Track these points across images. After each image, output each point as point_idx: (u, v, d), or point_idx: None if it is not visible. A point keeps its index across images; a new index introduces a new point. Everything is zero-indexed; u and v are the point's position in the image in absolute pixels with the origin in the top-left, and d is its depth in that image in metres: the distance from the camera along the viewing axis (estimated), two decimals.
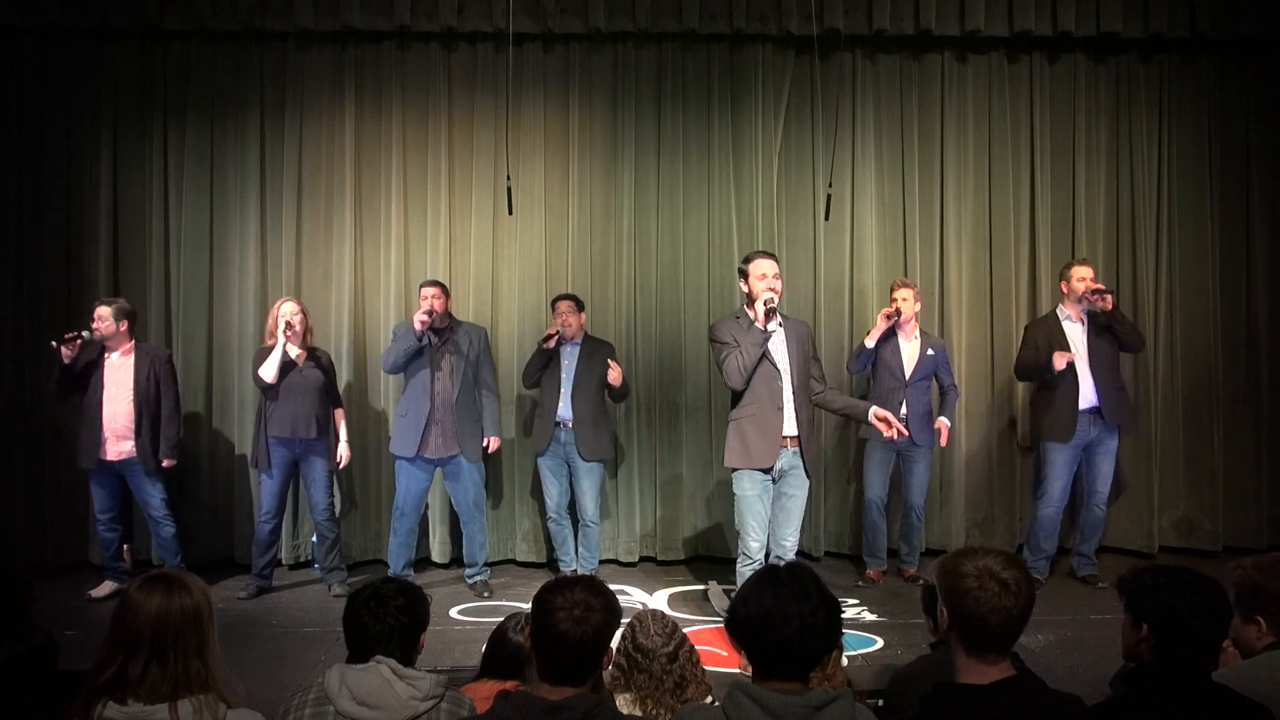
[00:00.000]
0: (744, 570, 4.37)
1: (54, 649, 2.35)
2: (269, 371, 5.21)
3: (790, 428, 4.34)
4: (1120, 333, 5.42)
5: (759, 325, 4.29)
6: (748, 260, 4.46)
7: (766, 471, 4.36)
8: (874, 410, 4.37)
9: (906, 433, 4.38)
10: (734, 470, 4.43)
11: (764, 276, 4.33)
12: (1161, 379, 6.27)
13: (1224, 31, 6.08)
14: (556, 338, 5.35)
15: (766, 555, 4.44)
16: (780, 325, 4.42)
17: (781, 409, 4.32)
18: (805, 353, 4.44)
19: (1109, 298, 5.27)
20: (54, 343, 5.04)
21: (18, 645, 2.26)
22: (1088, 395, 5.40)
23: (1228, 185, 6.34)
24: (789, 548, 4.42)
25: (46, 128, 5.99)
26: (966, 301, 6.28)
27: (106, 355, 5.23)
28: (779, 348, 4.38)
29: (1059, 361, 5.25)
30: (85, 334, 5.09)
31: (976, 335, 6.29)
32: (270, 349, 5.25)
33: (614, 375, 5.33)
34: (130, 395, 5.21)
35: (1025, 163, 6.34)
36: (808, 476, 4.41)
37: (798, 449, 4.36)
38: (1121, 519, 6.22)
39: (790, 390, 4.34)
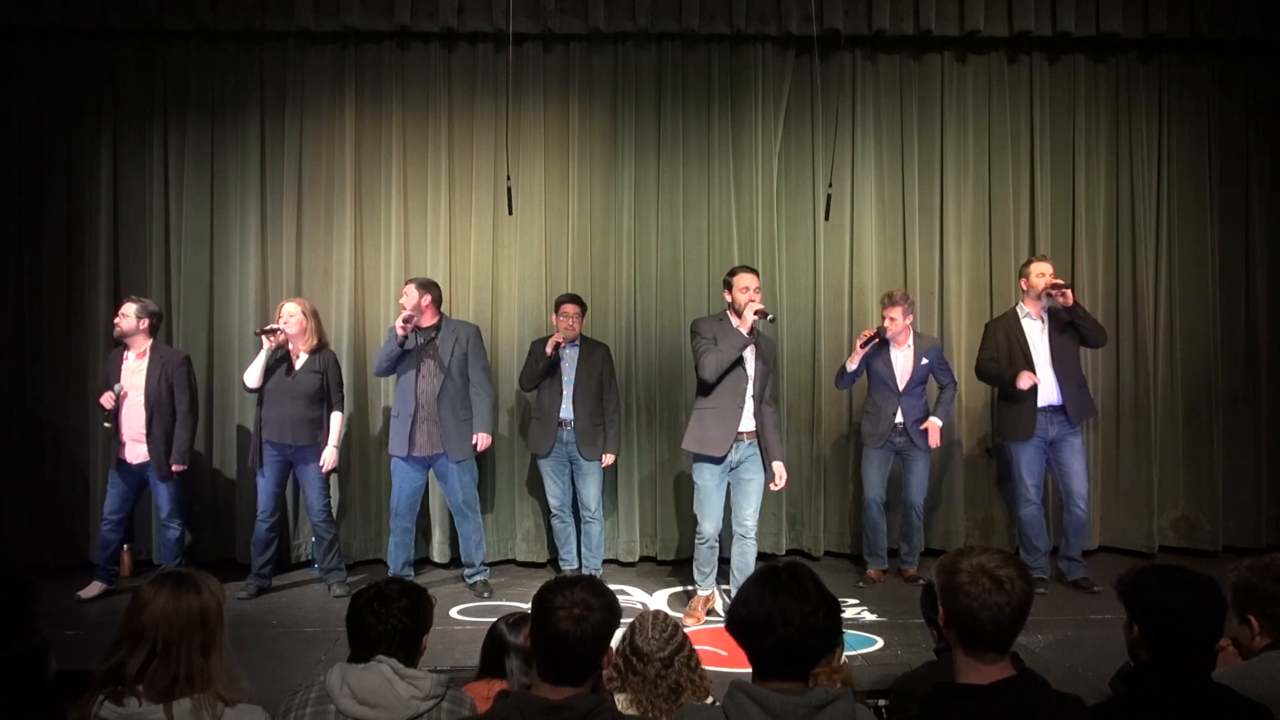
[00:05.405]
0: (701, 547, 4.98)
1: (45, 648, 2.35)
2: (252, 376, 5.21)
3: (748, 424, 4.86)
4: (1082, 329, 5.37)
5: (742, 330, 4.77)
6: (732, 274, 4.96)
7: (719, 461, 4.84)
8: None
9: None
10: (694, 460, 4.96)
11: (746, 289, 4.84)
12: (1161, 379, 6.26)
13: (1224, 32, 6.08)
14: (559, 344, 5.34)
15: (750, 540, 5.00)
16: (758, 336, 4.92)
17: (741, 408, 4.84)
18: (768, 366, 4.98)
19: (1069, 293, 5.22)
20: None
21: (17, 645, 2.26)
22: (1048, 393, 5.38)
23: (1227, 185, 6.34)
24: (750, 526, 4.95)
25: (46, 128, 5.98)
26: (966, 301, 6.28)
27: (125, 356, 5.21)
28: (749, 355, 4.87)
29: (1023, 382, 5.27)
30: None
31: (976, 335, 6.24)
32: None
33: (606, 460, 5.54)
34: (141, 398, 5.16)
35: (1025, 163, 6.34)
36: (764, 463, 4.93)
37: (754, 441, 4.90)
38: (1121, 519, 6.22)
39: (751, 393, 4.86)
